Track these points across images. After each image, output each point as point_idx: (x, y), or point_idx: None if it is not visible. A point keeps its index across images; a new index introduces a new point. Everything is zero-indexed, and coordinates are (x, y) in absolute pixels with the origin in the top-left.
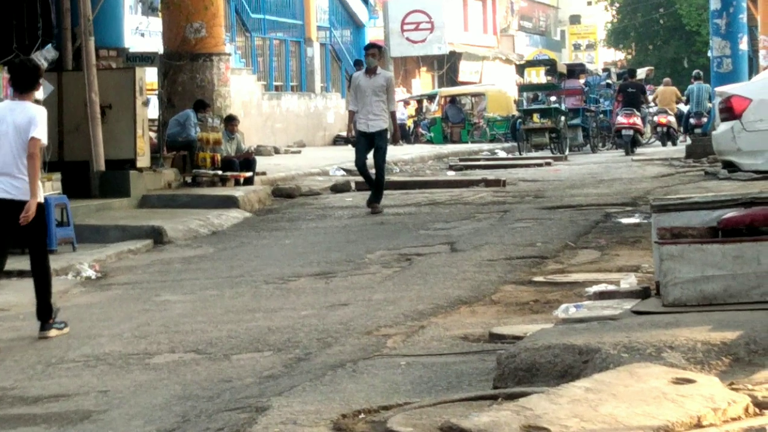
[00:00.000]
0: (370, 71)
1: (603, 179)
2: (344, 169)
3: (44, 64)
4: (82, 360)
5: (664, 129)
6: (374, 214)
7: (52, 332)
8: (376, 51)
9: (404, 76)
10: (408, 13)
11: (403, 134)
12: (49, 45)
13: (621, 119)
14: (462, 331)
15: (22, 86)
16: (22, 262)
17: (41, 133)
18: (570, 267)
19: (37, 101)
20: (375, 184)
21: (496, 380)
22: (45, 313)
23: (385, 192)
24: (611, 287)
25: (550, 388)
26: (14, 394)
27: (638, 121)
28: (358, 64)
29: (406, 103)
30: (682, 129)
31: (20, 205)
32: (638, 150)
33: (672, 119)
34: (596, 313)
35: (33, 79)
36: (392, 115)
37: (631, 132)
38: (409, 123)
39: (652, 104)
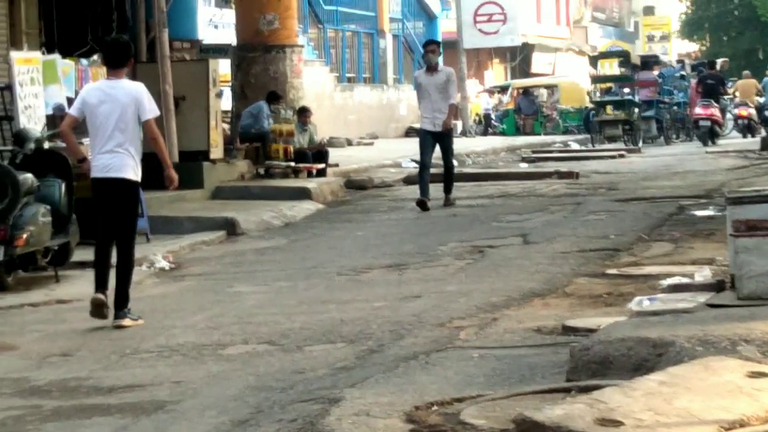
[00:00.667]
0: (431, 68)
1: (677, 171)
2: (416, 161)
3: None
4: (156, 351)
5: (745, 121)
6: (447, 206)
7: (126, 321)
8: (435, 47)
9: (476, 68)
10: (481, 4)
11: (488, 124)
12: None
13: (699, 110)
14: (535, 324)
15: (116, 62)
16: None
17: (152, 111)
18: (643, 259)
19: None
20: (445, 177)
21: (570, 373)
22: (122, 299)
23: (458, 184)
24: (685, 280)
25: (624, 381)
26: (89, 384)
27: (716, 112)
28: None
29: (491, 92)
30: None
31: (114, 182)
32: (716, 141)
33: (753, 111)
34: (670, 306)
35: (125, 54)
36: (451, 108)
37: (708, 123)
38: (473, 114)
39: (731, 96)
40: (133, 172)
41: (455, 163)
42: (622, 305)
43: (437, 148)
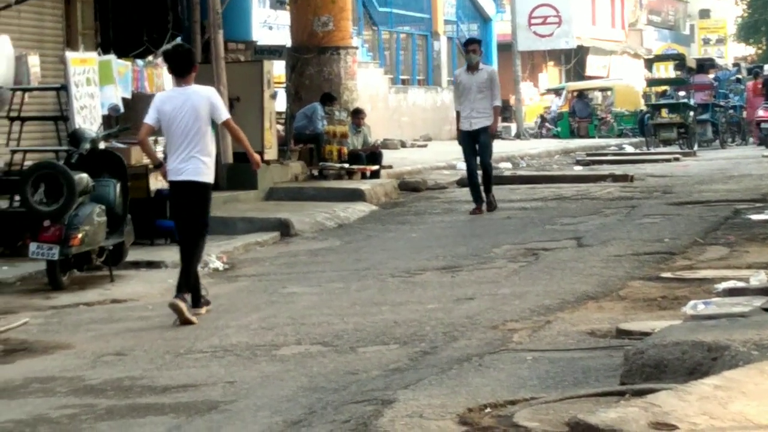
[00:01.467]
0: (472, 68)
1: (732, 175)
2: None
3: None
4: (210, 351)
5: None
6: (491, 211)
7: (202, 310)
8: (476, 46)
9: (531, 70)
10: (535, 6)
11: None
12: (179, 38)
13: (761, 112)
14: (589, 327)
15: (181, 70)
16: (151, 253)
17: (226, 113)
18: (698, 263)
19: None
20: (484, 177)
21: (624, 376)
22: (186, 283)
23: (512, 186)
24: (741, 284)
25: (679, 385)
26: (143, 383)
27: None
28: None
29: (557, 93)
30: None
31: (189, 185)
32: None
33: None
34: (725, 310)
35: (189, 62)
36: (495, 110)
37: None
38: (533, 115)
39: None
40: (207, 174)
41: (506, 165)
42: (677, 309)
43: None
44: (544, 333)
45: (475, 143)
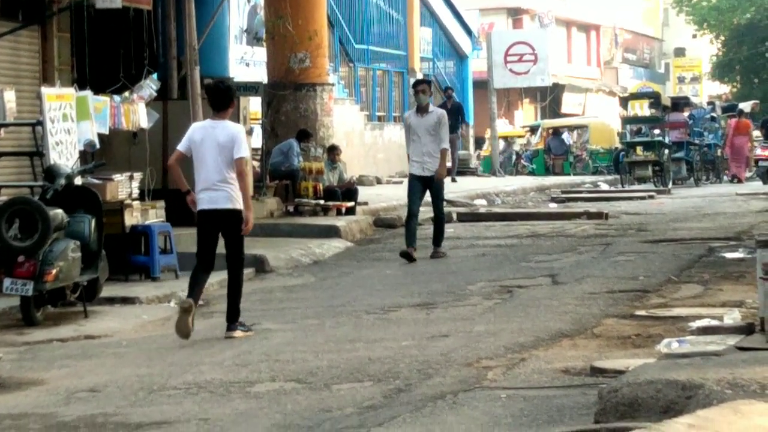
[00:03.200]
0: (422, 109)
1: (707, 213)
2: (446, 200)
3: (154, 93)
4: (184, 387)
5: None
6: (432, 258)
7: (238, 333)
8: (426, 86)
9: (507, 108)
10: (511, 44)
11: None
12: (154, 75)
13: (759, 151)
14: (563, 365)
15: (219, 105)
16: (125, 289)
17: (245, 151)
18: (673, 301)
19: (142, 130)
20: (436, 226)
21: (598, 414)
22: (233, 314)
23: (487, 223)
24: (715, 322)
25: (653, 423)
26: (116, 420)
27: None
28: (446, 92)
29: (533, 130)
30: None
31: (221, 213)
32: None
33: None
34: (699, 349)
35: (228, 98)
36: (442, 153)
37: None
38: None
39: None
40: (236, 202)
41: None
42: (651, 347)
43: (427, 194)
44: (518, 371)
45: (426, 188)
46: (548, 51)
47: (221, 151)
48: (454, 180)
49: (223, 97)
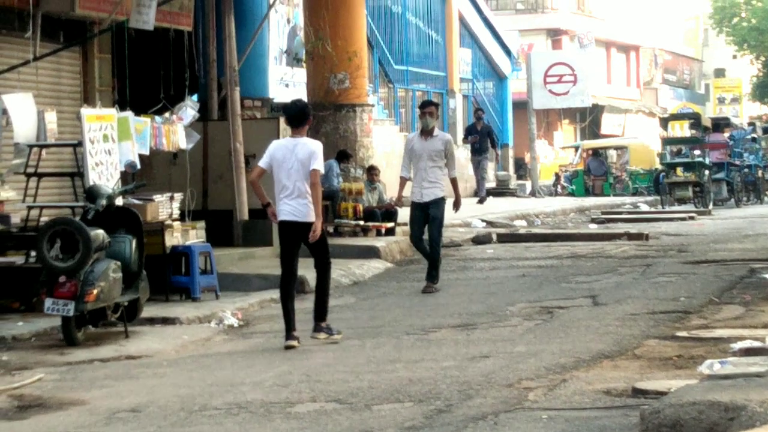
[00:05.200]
0: (426, 133)
1: (748, 234)
2: (485, 221)
3: (196, 115)
4: (225, 407)
5: None
6: (425, 293)
7: (322, 335)
8: (433, 109)
9: (546, 129)
10: (551, 65)
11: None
12: (195, 96)
13: None
14: (604, 386)
15: (297, 122)
16: (166, 310)
17: (320, 165)
18: (714, 322)
19: (182, 151)
20: (429, 260)
21: None
22: (321, 314)
23: (527, 244)
24: (757, 344)
25: None
26: None
27: None
28: (477, 114)
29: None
30: None
31: (304, 225)
32: None
33: None
34: (742, 370)
35: (304, 116)
36: (453, 182)
37: None
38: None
39: None
40: (312, 215)
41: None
42: (693, 368)
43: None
44: (559, 392)
45: (426, 216)
46: (588, 72)
47: (301, 166)
48: (481, 202)
49: (300, 115)
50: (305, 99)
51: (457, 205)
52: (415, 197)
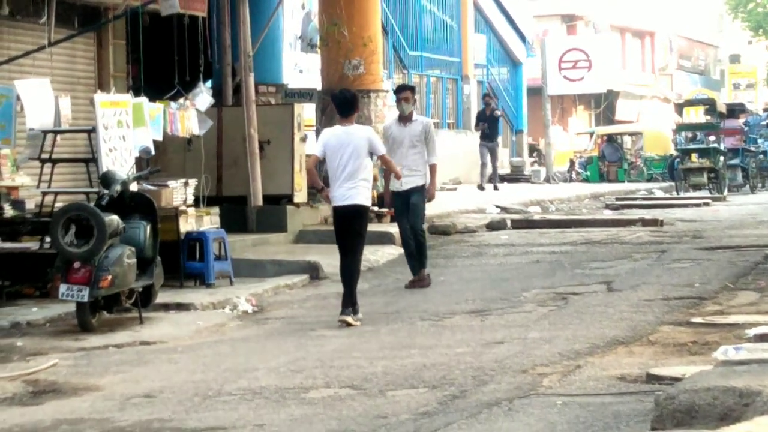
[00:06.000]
0: (405, 118)
1: (763, 220)
2: (500, 207)
3: (211, 100)
4: (239, 393)
5: None
6: (413, 287)
7: (350, 318)
8: (409, 94)
9: (561, 114)
10: (566, 51)
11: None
12: (209, 82)
13: None
14: (619, 372)
15: (346, 111)
16: (180, 296)
17: (383, 148)
18: (729, 308)
19: (196, 137)
20: (417, 247)
21: (654, 422)
22: (349, 300)
23: (541, 230)
24: None
25: (710, 430)
26: (172, 425)
27: None
28: (486, 96)
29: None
30: None
31: (355, 207)
32: None
33: None
34: (757, 356)
35: (353, 105)
36: (432, 169)
37: None
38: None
39: None
40: (366, 199)
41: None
42: (707, 354)
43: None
44: (574, 377)
45: (408, 204)
46: (603, 57)
47: (358, 152)
48: (496, 188)
49: (349, 104)
50: (319, 85)
51: (429, 195)
52: (394, 186)
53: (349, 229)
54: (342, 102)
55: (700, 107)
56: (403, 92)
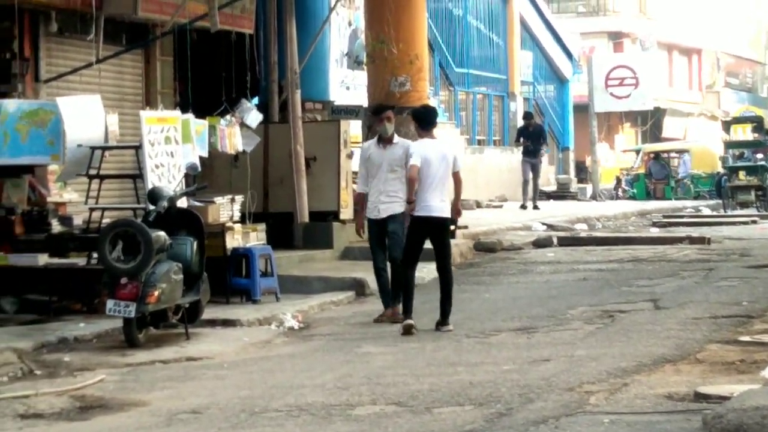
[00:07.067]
0: (385, 140)
1: None
2: (546, 224)
3: (260, 117)
4: (285, 410)
5: None
6: (380, 321)
7: (450, 326)
8: (390, 114)
9: (607, 132)
10: (612, 68)
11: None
12: (255, 98)
13: None
14: (666, 390)
15: (429, 124)
16: (226, 312)
17: (461, 164)
18: None
19: (243, 153)
20: (393, 282)
21: None
22: (447, 312)
23: (588, 248)
24: None
25: None
26: None
27: None
28: (527, 117)
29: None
30: None
31: (440, 220)
32: None
33: None
34: None
35: (434, 118)
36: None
37: None
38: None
39: None
40: (448, 211)
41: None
42: (756, 373)
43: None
44: (621, 396)
45: (384, 233)
46: (649, 75)
47: (446, 164)
48: (536, 207)
49: (432, 117)
50: (366, 101)
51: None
52: (370, 213)
53: (437, 239)
54: (425, 116)
55: (748, 125)
56: (385, 112)
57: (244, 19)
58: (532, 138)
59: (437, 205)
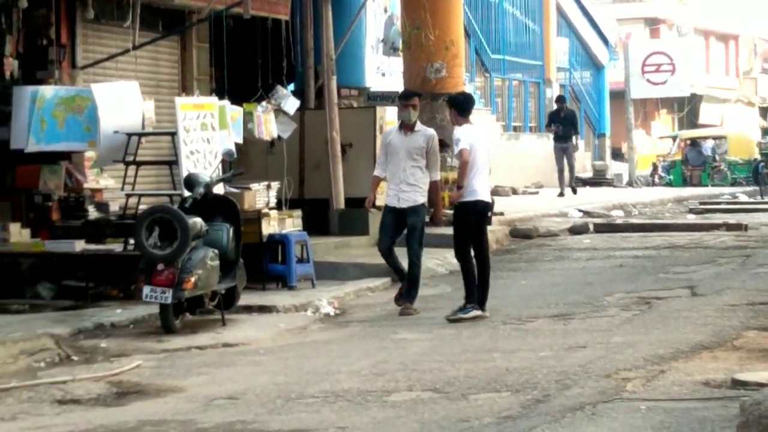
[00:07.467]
0: (407, 127)
1: None
2: (582, 211)
3: (297, 103)
4: (321, 396)
5: None
6: (401, 315)
7: (487, 313)
8: (416, 101)
9: (643, 118)
10: (649, 54)
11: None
12: (291, 85)
13: None
14: (703, 377)
15: (467, 111)
16: (262, 298)
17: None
18: None
19: (279, 140)
20: (408, 277)
21: (740, 427)
22: (484, 298)
23: (624, 234)
24: None
25: None
26: (254, 427)
27: None
28: (559, 100)
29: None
30: None
31: (488, 204)
32: None
33: None
34: None
35: (471, 105)
36: (434, 185)
37: None
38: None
39: None
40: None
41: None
42: None
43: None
44: (658, 382)
45: (400, 223)
46: (686, 61)
47: (487, 149)
48: (574, 192)
49: (470, 105)
50: (401, 88)
51: (437, 217)
52: (390, 201)
53: (478, 225)
54: (465, 103)
55: None
56: (411, 98)
57: (280, 5)
58: (563, 123)
59: (484, 190)
